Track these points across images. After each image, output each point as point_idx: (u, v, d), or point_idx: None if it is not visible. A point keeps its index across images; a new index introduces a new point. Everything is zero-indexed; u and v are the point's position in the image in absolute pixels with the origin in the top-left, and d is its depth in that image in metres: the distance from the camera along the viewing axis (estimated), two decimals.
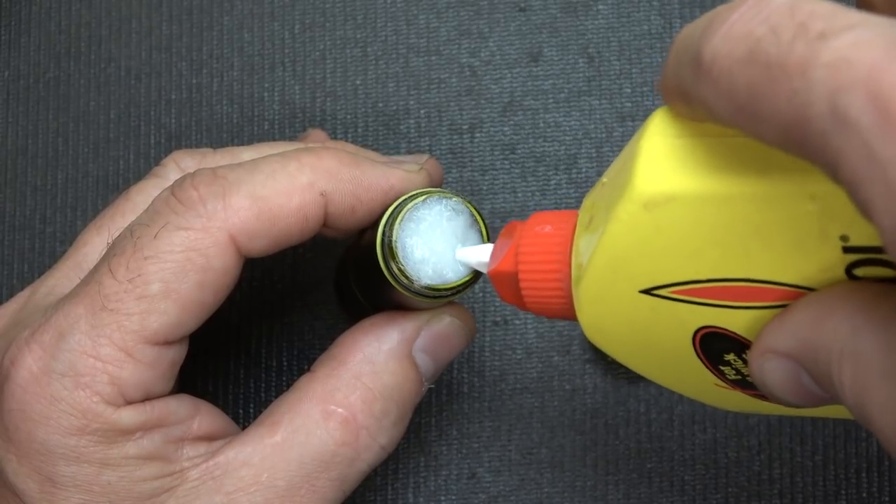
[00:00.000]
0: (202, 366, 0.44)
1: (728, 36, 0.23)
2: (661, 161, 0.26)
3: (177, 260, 0.33)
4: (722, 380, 0.30)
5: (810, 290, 0.26)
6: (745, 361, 0.28)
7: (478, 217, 0.34)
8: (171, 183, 0.35)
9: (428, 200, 0.34)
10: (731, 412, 0.44)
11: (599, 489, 0.44)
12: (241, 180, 0.34)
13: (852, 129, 0.20)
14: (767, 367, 0.26)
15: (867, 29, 0.21)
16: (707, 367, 0.29)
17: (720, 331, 0.28)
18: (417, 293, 0.34)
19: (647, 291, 0.27)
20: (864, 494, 0.43)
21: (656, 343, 0.29)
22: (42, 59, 0.47)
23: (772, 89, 0.22)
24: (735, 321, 0.27)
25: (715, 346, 0.28)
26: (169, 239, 0.33)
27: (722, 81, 0.23)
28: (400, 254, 0.33)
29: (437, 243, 0.34)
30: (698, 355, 0.29)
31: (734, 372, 0.29)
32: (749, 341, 0.27)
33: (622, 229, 0.26)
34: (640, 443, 0.44)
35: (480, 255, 0.33)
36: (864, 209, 0.21)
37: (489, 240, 0.34)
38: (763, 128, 0.22)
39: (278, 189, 0.34)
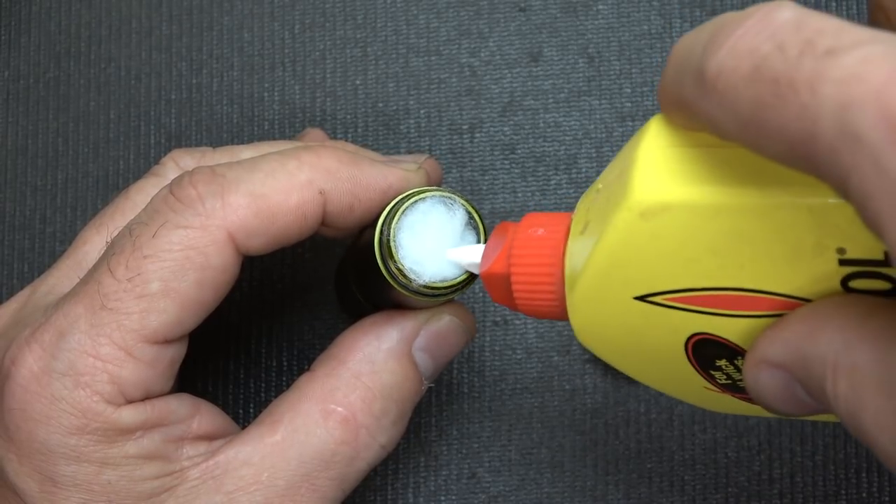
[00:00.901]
0: (202, 366, 0.44)
1: (733, 51, 0.23)
2: (658, 170, 0.26)
3: (176, 258, 0.33)
4: (712, 384, 0.30)
5: (805, 300, 0.26)
6: (736, 367, 0.28)
7: (475, 215, 0.34)
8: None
9: (425, 199, 0.34)
10: (723, 413, 0.44)
11: (599, 489, 0.44)
12: (240, 178, 0.34)
13: (862, 144, 0.20)
14: (761, 377, 0.26)
15: (876, 45, 0.21)
16: (698, 372, 0.29)
17: (713, 338, 0.28)
18: (415, 292, 0.34)
19: (642, 298, 0.27)
20: (864, 494, 0.43)
21: (648, 347, 0.29)
22: (42, 59, 0.47)
23: (779, 105, 0.22)
24: (728, 329, 0.27)
25: (707, 352, 0.28)
26: (168, 237, 0.33)
27: (727, 97, 0.23)
28: (397, 252, 0.33)
29: (434, 242, 0.34)
30: (690, 360, 0.29)
31: (725, 377, 0.29)
32: (742, 349, 0.27)
33: (618, 237, 0.26)
34: (640, 443, 0.44)
35: (472, 255, 0.33)
36: (873, 224, 0.21)
37: (487, 238, 0.34)
38: (769, 143, 0.23)
39: (277, 187, 0.34)
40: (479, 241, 0.34)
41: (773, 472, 0.43)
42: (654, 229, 0.26)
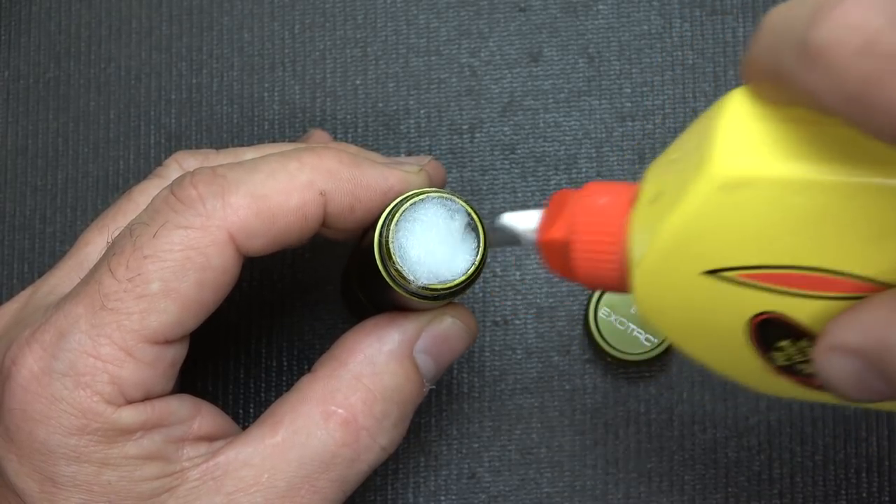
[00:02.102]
0: (202, 366, 0.44)
1: (841, 24, 0.22)
2: (741, 142, 0.25)
3: (176, 259, 0.33)
4: (770, 365, 0.29)
5: (887, 285, 0.25)
6: (798, 350, 0.28)
7: (475, 217, 0.34)
8: None
9: (424, 200, 0.34)
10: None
11: (599, 489, 0.44)
12: (241, 179, 0.34)
13: None
14: (835, 362, 0.26)
15: None
16: (756, 352, 0.29)
17: (780, 318, 0.27)
18: (414, 294, 0.34)
19: (712, 272, 0.27)
20: (864, 494, 0.43)
21: (709, 323, 0.29)
22: (42, 59, 0.47)
23: (891, 82, 0.21)
24: (800, 310, 0.27)
25: (770, 332, 0.28)
26: (168, 238, 0.33)
27: (834, 70, 0.22)
28: (396, 254, 0.33)
29: (434, 243, 0.34)
30: (751, 339, 0.28)
31: (784, 358, 0.29)
32: (810, 331, 0.27)
33: (695, 209, 0.26)
34: (640, 443, 0.44)
35: (528, 221, 0.32)
36: None
37: (487, 240, 0.34)
38: (877, 119, 0.22)
39: (278, 188, 0.34)
40: (479, 244, 0.34)
41: (773, 472, 0.43)
42: (735, 203, 0.25)
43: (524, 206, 0.45)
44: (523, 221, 0.32)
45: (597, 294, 0.43)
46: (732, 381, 0.32)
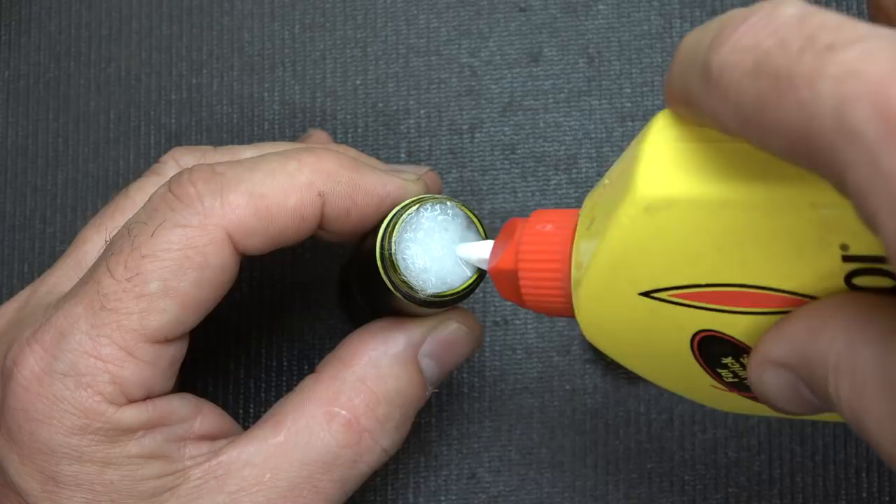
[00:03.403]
0: (203, 366, 0.44)
1: (737, 47, 0.23)
2: (663, 164, 0.26)
3: (174, 258, 0.33)
4: (719, 382, 0.30)
5: (809, 297, 0.26)
6: (742, 365, 0.28)
7: (474, 218, 0.34)
8: None
9: (422, 208, 0.34)
10: (731, 412, 0.44)
11: (599, 489, 0.44)
12: (240, 178, 0.34)
13: (858, 141, 0.20)
14: (766, 376, 0.26)
15: (875, 41, 0.21)
16: (704, 370, 0.29)
17: (719, 335, 0.28)
18: (422, 303, 0.34)
19: (647, 294, 0.27)
20: (864, 494, 0.43)
21: (655, 344, 0.29)
22: (42, 59, 0.47)
23: (779, 101, 0.22)
24: (733, 326, 0.27)
25: (713, 350, 0.28)
26: (166, 237, 0.33)
27: (730, 92, 0.23)
28: (401, 266, 0.33)
29: (436, 250, 0.34)
30: (696, 358, 0.29)
31: (731, 375, 0.29)
32: (747, 346, 0.27)
33: (624, 232, 0.26)
34: (640, 443, 0.44)
35: (481, 251, 0.33)
36: (870, 220, 0.21)
37: (487, 238, 0.34)
38: (770, 139, 0.23)
39: (276, 187, 0.34)
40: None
41: (773, 472, 0.43)
42: (659, 224, 0.26)
43: (524, 205, 0.45)
44: (476, 252, 0.33)
45: None
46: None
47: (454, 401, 0.44)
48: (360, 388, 0.36)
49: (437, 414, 0.44)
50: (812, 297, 0.26)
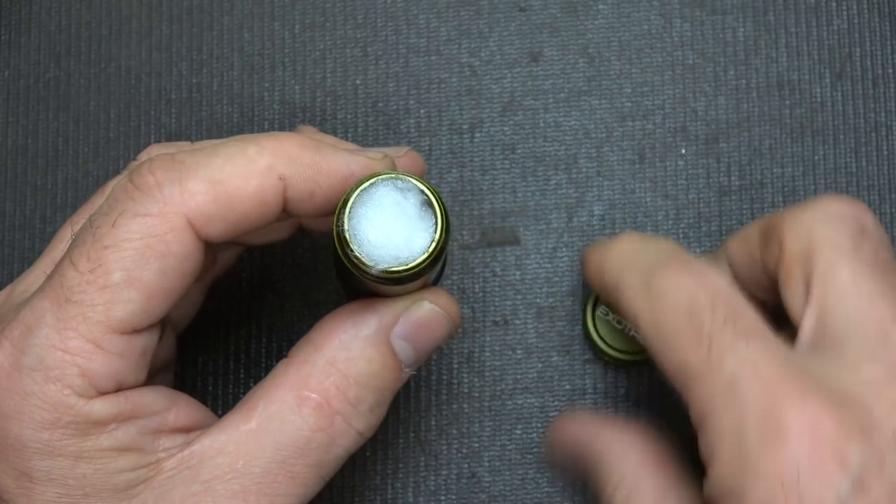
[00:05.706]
0: (202, 366, 0.44)
1: (680, 283, 0.33)
2: None
3: (136, 247, 0.33)
4: None
5: None
6: None
7: (430, 193, 0.34)
8: None
9: (376, 184, 0.33)
10: None
11: None
12: (199, 164, 0.34)
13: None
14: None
15: (760, 345, 0.32)
16: None
17: None
18: (378, 279, 0.33)
19: None
20: None
21: None
22: (42, 59, 0.47)
23: (693, 346, 0.31)
24: None
25: None
26: (127, 226, 0.33)
27: (661, 311, 0.33)
28: (353, 241, 0.33)
29: (389, 226, 0.33)
30: None
31: None
32: None
33: None
34: None
35: None
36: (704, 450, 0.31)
37: (446, 216, 0.34)
38: (666, 362, 0.32)
39: (236, 172, 0.34)
40: (436, 220, 0.34)
41: None
42: None
43: (524, 205, 0.45)
44: None
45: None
46: None
47: (454, 401, 0.44)
48: (330, 371, 0.35)
49: (437, 414, 0.44)
50: None
